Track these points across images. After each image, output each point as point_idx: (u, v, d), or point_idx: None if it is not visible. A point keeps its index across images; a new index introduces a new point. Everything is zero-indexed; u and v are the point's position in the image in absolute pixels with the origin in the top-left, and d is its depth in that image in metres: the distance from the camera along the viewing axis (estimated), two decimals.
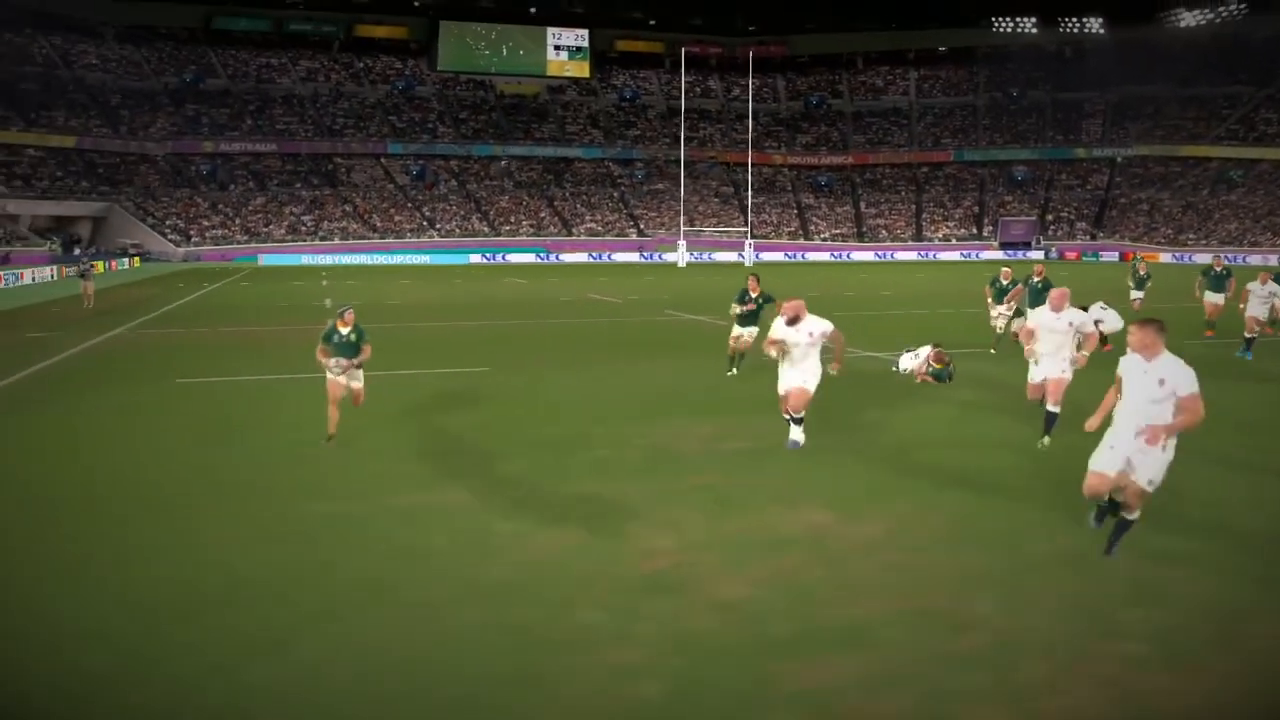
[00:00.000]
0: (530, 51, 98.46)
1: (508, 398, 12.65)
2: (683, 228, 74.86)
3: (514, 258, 75.32)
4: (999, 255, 77.86)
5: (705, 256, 77.59)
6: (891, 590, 5.83)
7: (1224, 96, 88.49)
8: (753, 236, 78.81)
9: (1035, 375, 9.69)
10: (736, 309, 13.72)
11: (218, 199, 78.40)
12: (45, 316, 25.67)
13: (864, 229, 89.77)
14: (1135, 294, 21.70)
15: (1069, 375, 9.51)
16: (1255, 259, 61.60)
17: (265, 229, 76.75)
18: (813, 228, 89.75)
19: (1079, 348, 9.65)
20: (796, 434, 9.02)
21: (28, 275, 45.15)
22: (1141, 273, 21.95)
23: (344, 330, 9.43)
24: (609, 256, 78.46)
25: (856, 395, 12.08)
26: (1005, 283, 17.10)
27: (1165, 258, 71.67)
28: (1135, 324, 6.39)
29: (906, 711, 4.42)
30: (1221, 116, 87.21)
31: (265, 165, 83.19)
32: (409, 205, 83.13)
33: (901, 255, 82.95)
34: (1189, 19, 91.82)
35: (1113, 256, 76.76)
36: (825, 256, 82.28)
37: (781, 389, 9.11)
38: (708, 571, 6.15)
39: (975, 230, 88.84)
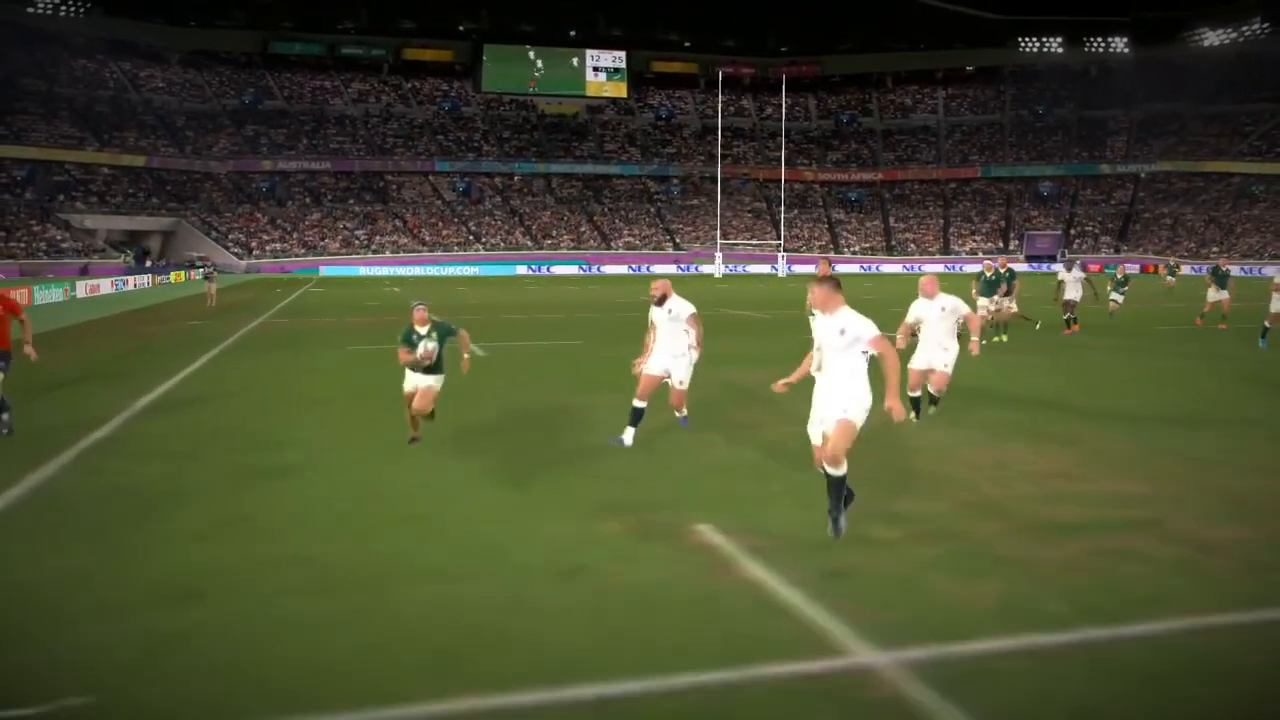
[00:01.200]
0: (570, 73, 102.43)
1: (602, 359, 15.96)
2: (719, 241, 78.25)
3: (557, 269, 79.02)
4: (1024, 268, 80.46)
5: (739, 269, 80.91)
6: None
7: (1246, 113, 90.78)
8: (785, 250, 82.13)
9: (918, 362, 9.72)
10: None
11: (276, 214, 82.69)
12: (185, 312, 29.31)
13: (893, 243, 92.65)
14: (1114, 296, 23.90)
15: (950, 369, 9.69)
16: (1270, 270, 63.98)
17: (321, 243, 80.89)
18: (843, 241, 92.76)
19: (961, 333, 9.80)
20: (629, 437, 8.71)
21: (116, 285, 49.10)
22: (1119, 277, 24.31)
23: (421, 329, 8.57)
24: (648, 269, 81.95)
25: None
26: (990, 276, 18.63)
27: (1186, 269, 73.99)
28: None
29: None
30: (1244, 133, 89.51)
31: (320, 182, 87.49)
32: (456, 220, 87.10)
33: (929, 268, 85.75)
34: (1212, 38, 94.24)
35: (1134, 269, 79.07)
36: (855, 269, 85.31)
37: (650, 371, 8.86)
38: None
39: (1002, 244, 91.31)
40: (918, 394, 9.69)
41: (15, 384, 10.24)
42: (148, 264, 69.14)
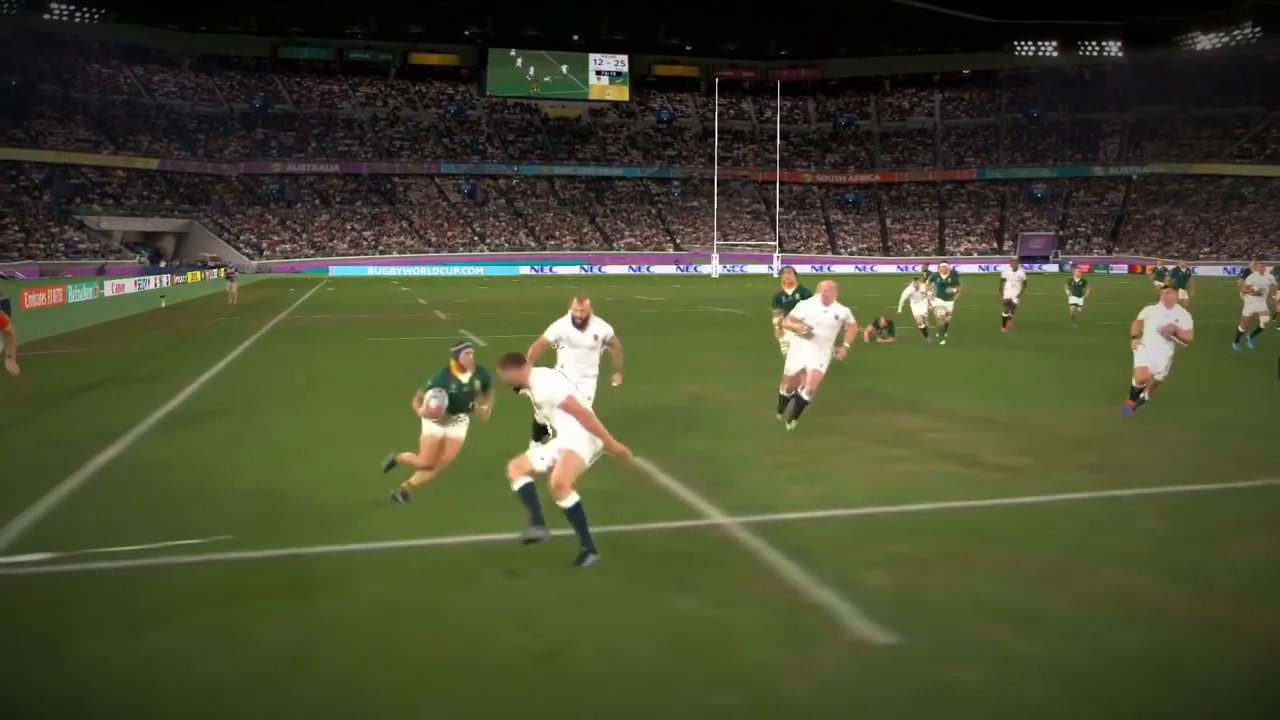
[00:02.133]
0: (574, 77, 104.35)
1: (660, 350, 17.78)
2: (715, 242, 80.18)
3: (560, 270, 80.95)
4: (1023, 268, 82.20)
5: (737, 269, 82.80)
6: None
7: (1237, 116, 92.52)
8: (782, 250, 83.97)
9: (793, 364, 9.82)
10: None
11: (286, 215, 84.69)
12: (212, 310, 31.23)
13: (889, 243, 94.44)
14: (1074, 300, 23.34)
15: (825, 368, 9.77)
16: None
17: (330, 244, 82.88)
18: (840, 242, 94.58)
19: (839, 341, 9.88)
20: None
21: (139, 284, 51.03)
22: (1077, 280, 23.80)
23: (464, 377, 6.99)
24: (648, 269, 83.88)
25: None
26: (945, 278, 19.16)
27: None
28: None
29: None
30: (1235, 135, 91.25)
31: (329, 184, 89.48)
32: (461, 221, 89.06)
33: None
34: (1204, 42, 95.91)
35: (1122, 270, 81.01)
36: (850, 269, 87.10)
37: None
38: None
39: (996, 245, 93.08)
40: (791, 395, 9.89)
41: (104, 365, 12.20)
42: (161, 264, 71.13)
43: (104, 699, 4.02)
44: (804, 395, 9.58)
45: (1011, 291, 21.86)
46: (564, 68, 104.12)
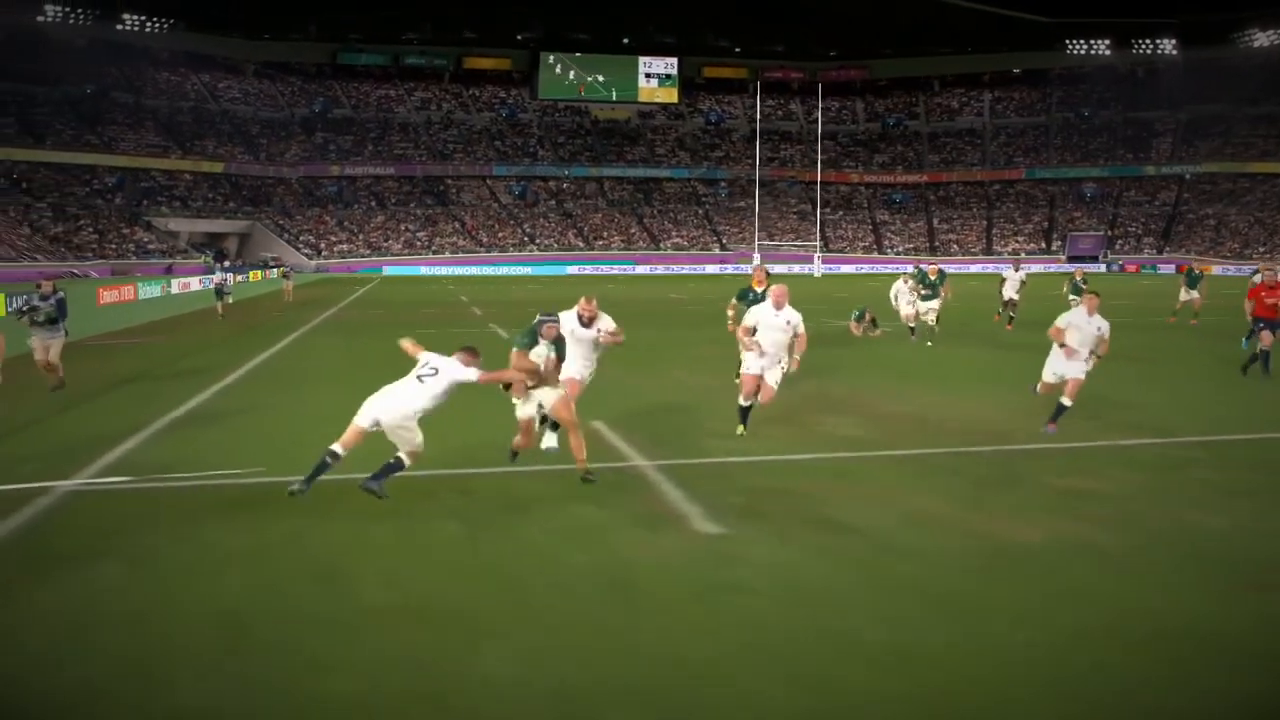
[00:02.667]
0: (623, 80, 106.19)
1: (667, 343, 19.29)
2: (757, 242, 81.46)
3: (605, 269, 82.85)
4: (1067, 268, 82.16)
5: (786, 268, 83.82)
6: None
7: None
8: (828, 250, 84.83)
9: (752, 366, 9.57)
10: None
11: (344, 217, 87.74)
12: (269, 306, 33.54)
13: (936, 243, 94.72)
14: (1074, 300, 23.27)
15: (777, 384, 9.61)
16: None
17: (385, 244, 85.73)
18: (886, 242, 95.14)
19: (791, 349, 9.60)
20: (549, 440, 8.56)
21: (203, 283, 53.85)
22: (1079, 280, 24.16)
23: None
24: (693, 269, 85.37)
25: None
26: (934, 279, 19.19)
27: (1217, 270, 75.28)
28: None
29: None
30: None
31: (384, 186, 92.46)
32: (512, 222, 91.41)
33: (973, 268, 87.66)
34: (1262, 39, 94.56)
35: (1170, 269, 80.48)
36: (892, 269, 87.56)
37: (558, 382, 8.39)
38: None
39: (1044, 245, 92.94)
40: (750, 404, 9.63)
41: (169, 351, 14.08)
42: (225, 264, 74.32)
43: (166, 560, 5.85)
44: (760, 401, 9.63)
45: (1011, 291, 22.54)
46: (614, 71, 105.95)
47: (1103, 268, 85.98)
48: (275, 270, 53.57)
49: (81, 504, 7.17)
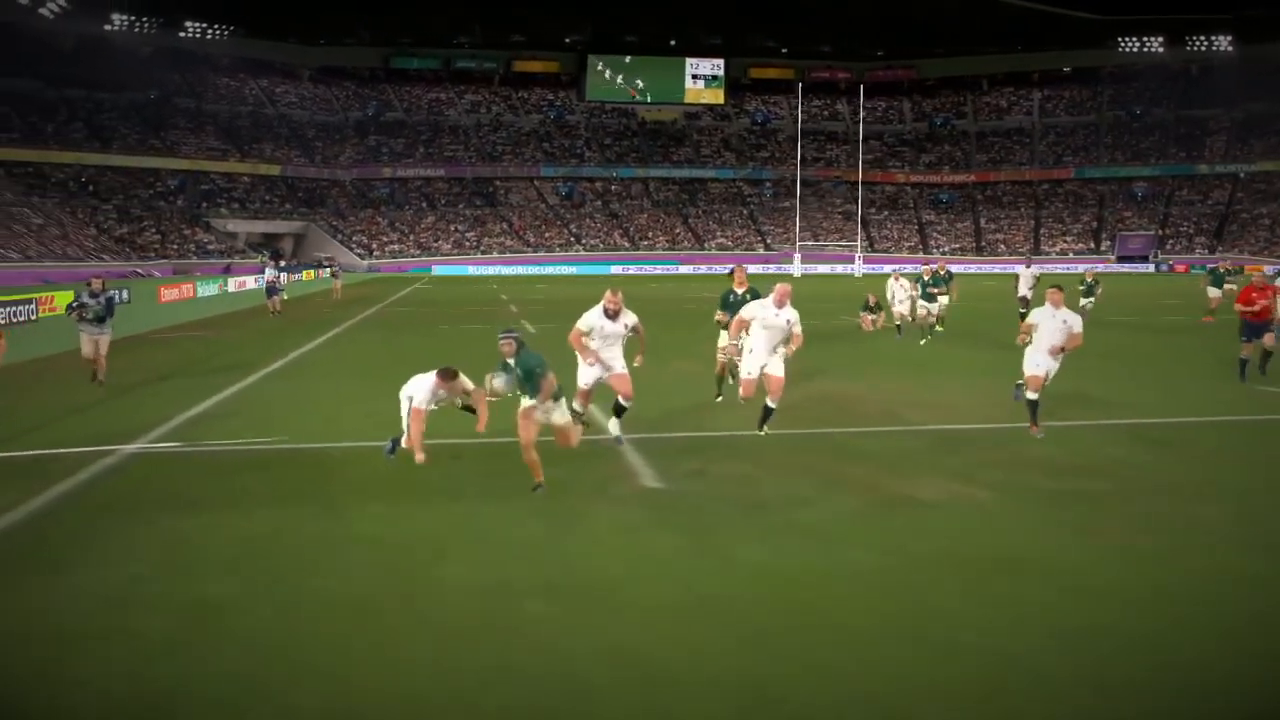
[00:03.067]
0: (670, 81, 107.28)
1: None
2: (797, 241, 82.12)
3: (650, 269, 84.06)
4: (1116, 268, 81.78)
5: (831, 269, 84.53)
6: None
7: None
8: (873, 250, 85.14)
9: (750, 367, 9.51)
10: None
11: (395, 218, 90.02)
12: (318, 304, 35.34)
13: (983, 244, 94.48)
14: (1085, 301, 23.34)
15: (783, 372, 9.43)
16: None
17: (435, 244, 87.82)
18: (932, 242, 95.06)
19: (786, 341, 9.42)
20: (614, 426, 9.08)
21: (258, 281, 55.92)
22: (1089, 280, 24.39)
23: (510, 363, 7.45)
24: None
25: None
26: (929, 280, 19.21)
27: (1269, 269, 74.25)
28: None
29: None
30: None
31: (434, 188, 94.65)
32: (559, 223, 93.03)
33: (1016, 268, 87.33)
34: None
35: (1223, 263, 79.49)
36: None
37: (593, 376, 9.06)
38: None
39: (1093, 245, 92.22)
40: (771, 405, 9.44)
41: (222, 343, 15.53)
42: (281, 263, 76.78)
43: (204, 500, 7.15)
44: (770, 404, 9.39)
45: (1026, 289, 23.10)
46: (661, 72, 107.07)
47: (1151, 268, 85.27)
48: (326, 270, 55.62)
49: (138, 463, 8.61)
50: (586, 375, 8.89)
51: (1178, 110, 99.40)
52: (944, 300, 20.40)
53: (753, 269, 71.34)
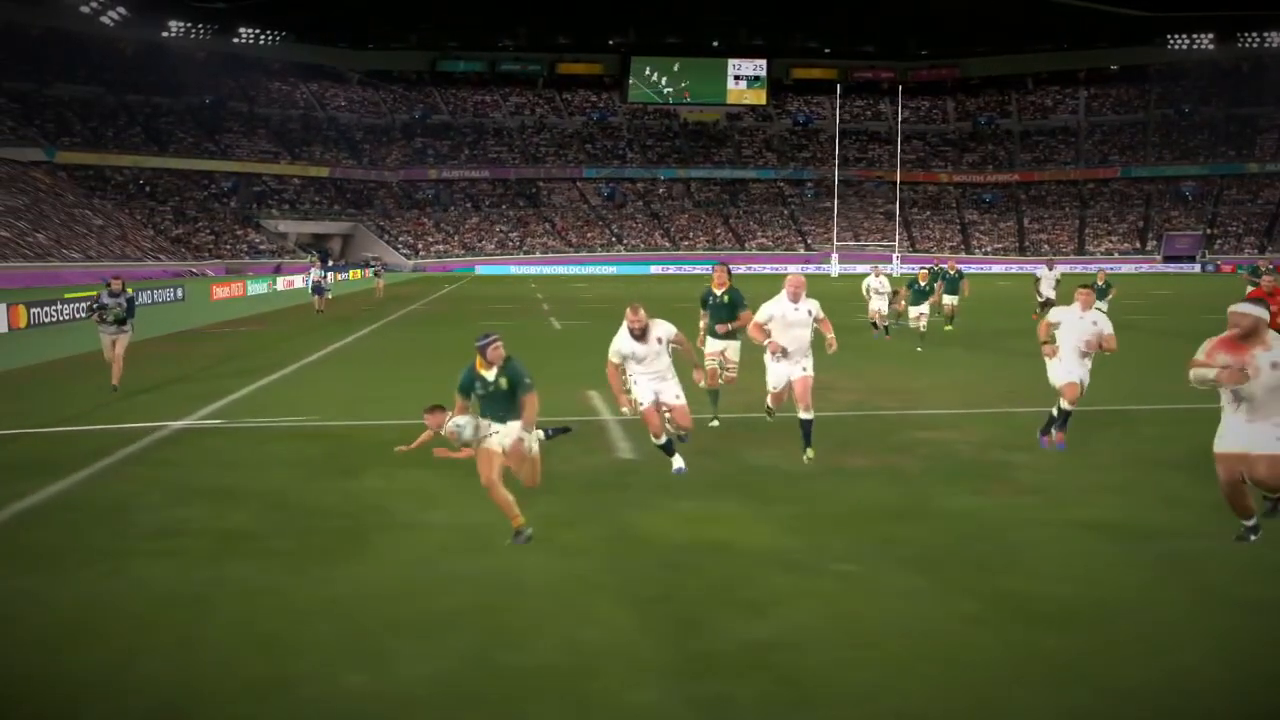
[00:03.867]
0: (712, 82, 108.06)
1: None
2: (835, 242, 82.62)
3: (690, 269, 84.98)
4: (1161, 268, 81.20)
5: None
6: None
7: None
8: (914, 250, 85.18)
9: (776, 377, 8.65)
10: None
11: (440, 219, 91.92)
12: (360, 301, 36.86)
13: (1026, 244, 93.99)
14: (1098, 304, 23.82)
15: (811, 373, 8.58)
16: None
17: (479, 244, 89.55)
18: (974, 242, 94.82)
19: (819, 339, 8.66)
20: (678, 462, 8.00)
21: (305, 280, 57.82)
22: (1101, 283, 23.62)
23: (488, 374, 6.22)
24: (775, 269, 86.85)
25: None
26: (923, 284, 18.60)
27: None
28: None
29: None
30: None
31: (479, 189, 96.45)
32: (600, 223, 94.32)
33: (1037, 269, 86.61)
34: None
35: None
36: (976, 269, 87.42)
37: (647, 398, 8.00)
38: None
39: (1139, 245, 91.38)
40: (810, 418, 8.49)
41: (272, 335, 16.81)
42: (329, 263, 78.88)
43: (243, 463, 8.36)
44: (804, 416, 8.43)
45: (1048, 290, 23.17)
46: (703, 74, 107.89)
47: (1198, 268, 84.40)
48: (371, 269, 57.45)
49: (186, 436, 9.88)
50: (644, 396, 7.92)
51: (1228, 108, 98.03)
52: (952, 300, 20.71)
53: (793, 268, 71.90)
